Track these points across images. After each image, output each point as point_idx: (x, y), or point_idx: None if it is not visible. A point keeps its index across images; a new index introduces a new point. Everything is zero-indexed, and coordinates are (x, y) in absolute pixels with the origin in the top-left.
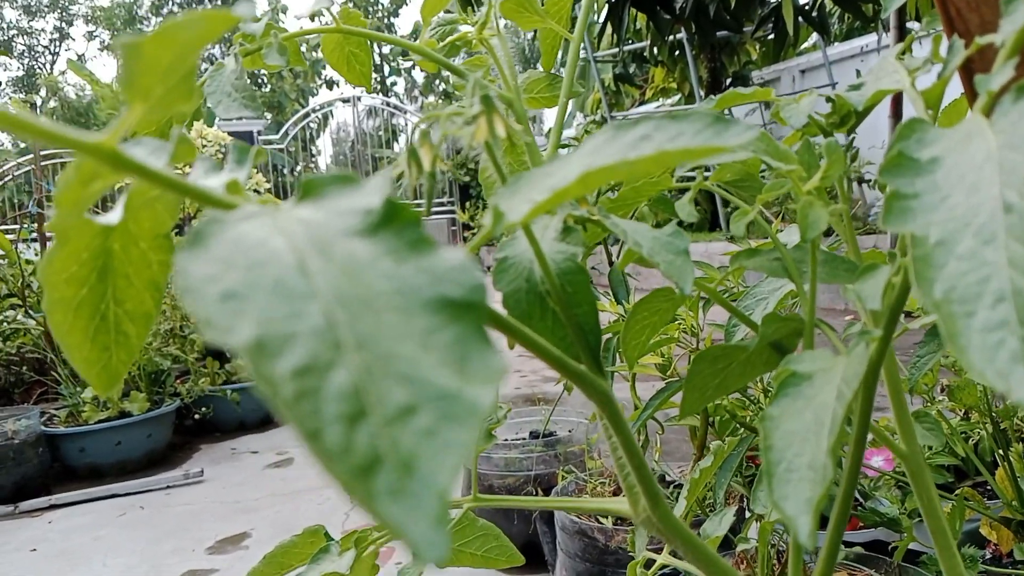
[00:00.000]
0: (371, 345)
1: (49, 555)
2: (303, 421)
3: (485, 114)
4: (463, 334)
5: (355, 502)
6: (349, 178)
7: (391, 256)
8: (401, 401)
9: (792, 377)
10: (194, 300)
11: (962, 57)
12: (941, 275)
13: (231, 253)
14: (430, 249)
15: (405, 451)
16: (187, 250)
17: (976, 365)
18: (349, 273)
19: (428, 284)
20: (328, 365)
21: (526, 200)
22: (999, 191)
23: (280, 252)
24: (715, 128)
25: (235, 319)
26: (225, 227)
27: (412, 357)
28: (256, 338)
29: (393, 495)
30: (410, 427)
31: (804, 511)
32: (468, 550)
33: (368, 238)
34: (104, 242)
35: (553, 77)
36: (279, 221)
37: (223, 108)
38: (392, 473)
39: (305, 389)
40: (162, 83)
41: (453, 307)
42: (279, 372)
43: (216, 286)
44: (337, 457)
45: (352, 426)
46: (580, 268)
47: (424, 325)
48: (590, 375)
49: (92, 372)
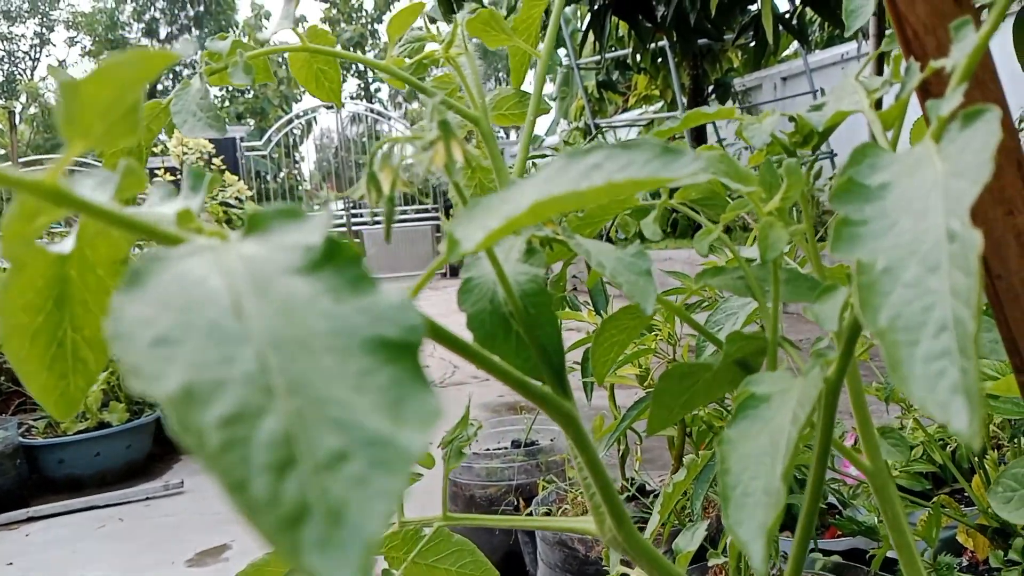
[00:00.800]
0: (304, 389)
1: (26, 568)
2: (228, 472)
3: (443, 139)
4: (399, 376)
5: (279, 552)
6: (294, 212)
7: (330, 295)
8: (333, 447)
9: (750, 399)
10: (123, 347)
11: (918, 80)
12: (887, 302)
13: (168, 293)
14: (370, 287)
15: (334, 500)
16: (123, 290)
17: (917, 395)
18: (286, 313)
19: (366, 324)
20: (258, 412)
21: (481, 227)
22: (943, 219)
23: (217, 292)
24: (663, 159)
25: (163, 366)
26: (166, 264)
27: (346, 401)
28: (183, 387)
29: (320, 546)
30: (341, 474)
31: (757, 536)
32: (442, 566)
33: (307, 276)
34: (60, 269)
35: (522, 94)
36: (221, 258)
37: (188, 127)
38: (320, 523)
39: (233, 438)
40: (102, 120)
41: (390, 348)
42: (206, 422)
43: (148, 331)
44: (263, 508)
45: (280, 475)
46: (543, 289)
47: (360, 367)
48: (553, 396)
49: (49, 400)
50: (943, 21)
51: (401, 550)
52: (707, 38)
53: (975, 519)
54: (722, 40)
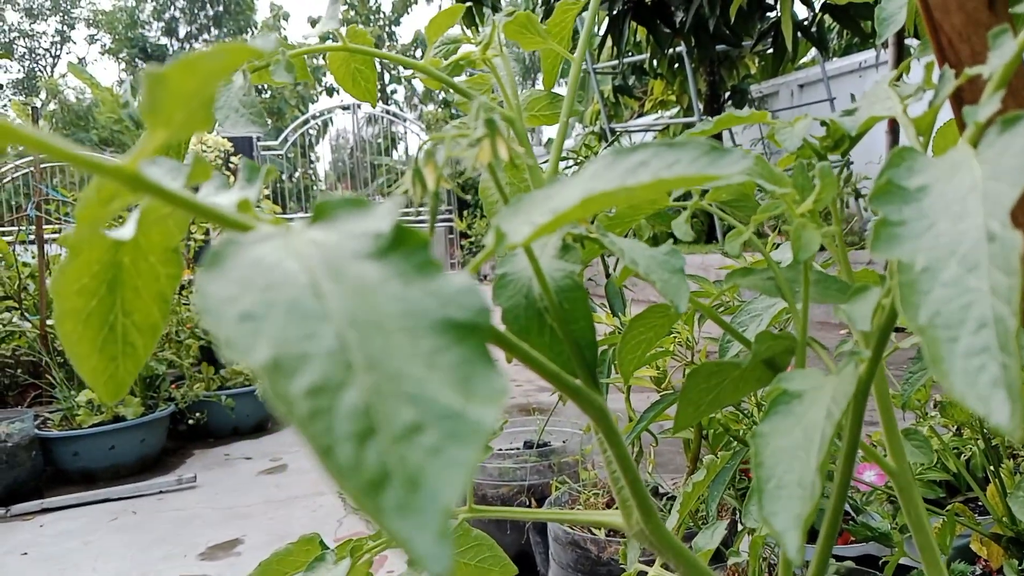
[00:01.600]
0: (380, 366)
1: (39, 559)
2: (316, 438)
3: (489, 137)
4: (467, 355)
5: (365, 516)
6: (360, 201)
7: (400, 279)
8: (408, 420)
9: (783, 395)
10: (213, 320)
11: (952, 87)
12: (926, 301)
13: (248, 274)
14: (437, 272)
15: (412, 468)
16: (206, 271)
17: (958, 389)
18: (360, 295)
19: (435, 306)
20: (340, 385)
21: (527, 222)
22: (983, 220)
23: (294, 274)
24: (711, 156)
25: (252, 339)
26: (242, 248)
27: (419, 377)
28: (272, 358)
29: (400, 510)
30: (417, 445)
31: (793, 527)
32: (462, 560)
33: (378, 261)
34: (115, 255)
35: (554, 96)
36: (293, 243)
37: (230, 123)
38: (399, 489)
39: (318, 408)
40: (183, 110)
41: (458, 329)
42: (294, 391)
43: (234, 307)
44: (348, 473)
45: (362, 443)
46: (578, 285)
47: (430, 346)
48: (586, 390)
49: (99, 381)
50: (978, 30)
51: None
52: (725, 44)
53: (989, 527)
54: (740, 46)
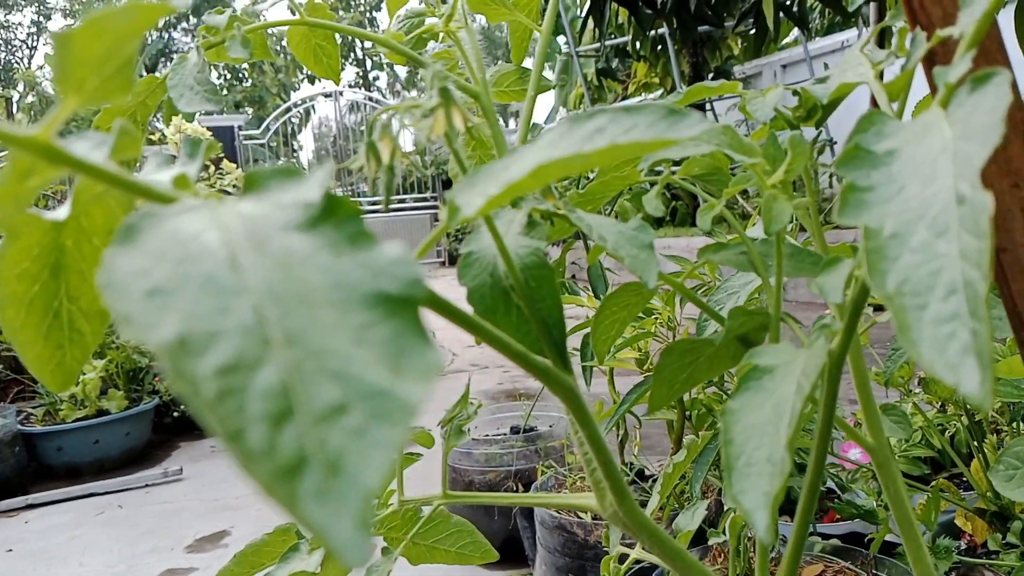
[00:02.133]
0: (302, 341)
1: (25, 555)
2: (225, 421)
3: (443, 106)
4: (399, 329)
5: (275, 502)
6: (292, 171)
7: (329, 250)
8: (331, 399)
9: (754, 371)
10: (116, 296)
11: (924, 49)
12: (894, 267)
13: (162, 248)
14: (369, 243)
15: (332, 451)
16: (117, 244)
17: (927, 357)
18: (284, 267)
19: (366, 278)
20: (255, 363)
21: (480, 194)
22: (953, 182)
23: (213, 246)
24: (668, 121)
25: (158, 316)
26: (160, 220)
27: (345, 353)
28: (179, 335)
29: (318, 497)
30: (339, 426)
31: (762, 505)
32: (442, 547)
33: (307, 232)
34: (56, 238)
35: (523, 71)
36: (218, 215)
37: (185, 101)
38: (318, 474)
39: (229, 387)
40: (96, 74)
41: (390, 302)
42: (201, 371)
43: (143, 282)
44: (260, 458)
45: (277, 425)
46: (543, 263)
47: (360, 320)
48: (554, 370)
49: (45, 370)
50: None
51: (401, 530)
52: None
53: (974, 503)
54: (722, 27)
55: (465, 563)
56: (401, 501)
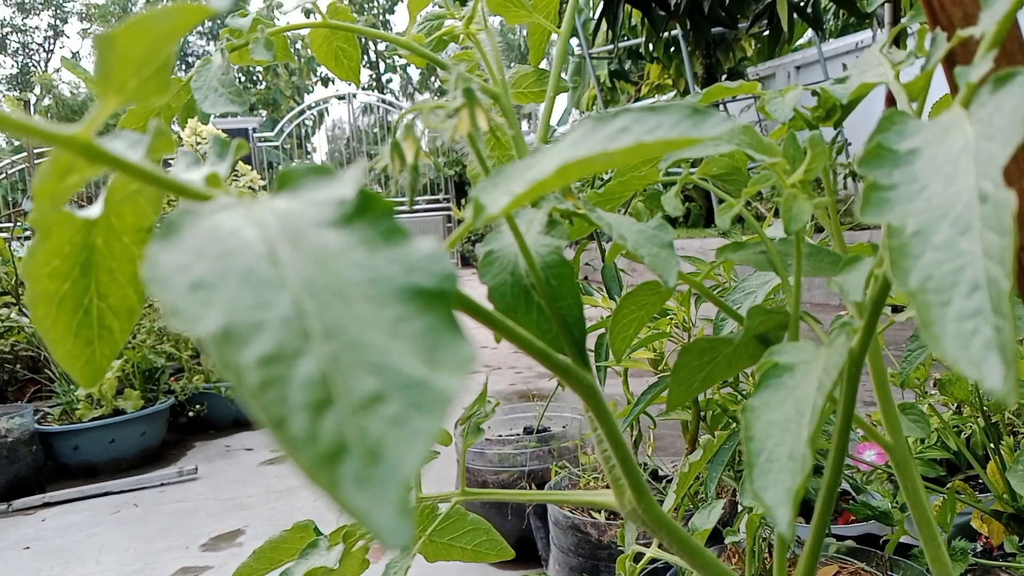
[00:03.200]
0: (340, 334)
1: (42, 553)
2: (268, 409)
3: (467, 107)
4: (433, 323)
5: (318, 487)
6: (325, 169)
7: (364, 246)
8: (369, 389)
9: (774, 368)
10: (162, 290)
11: (945, 50)
12: (917, 265)
13: (202, 244)
14: (403, 239)
15: (372, 439)
16: (159, 240)
17: (950, 353)
18: (320, 262)
19: (400, 273)
20: (295, 353)
21: (506, 192)
22: (975, 181)
23: (251, 242)
24: (692, 120)
25: (203, 309)
26: (199, 218)
27: (381, 346)
28: (223, 327)
29: (358, 483)
30: (377, 415)
31: (784, 501)
32: (458, 544)
33: (341, 228)
34: (87, 237)
35: (541, 72)
36: (253, 212)
37: (209, 103)
38: (358, 461)
39: (271, 377)
40: (136, 75)
41: (424, 296)
42: (245, 361)
43: (185, 276)
44: (302, 445)
45: (318, 414)
46: (564, 261)
47: (395, 314)
48: (575, 368)
49: (75, 366)
50: None
51: (418, 527)
52: (721, 26)
53: (990, 505)
54: (736, 28)
55: (481, 560)
56: (419, 498)
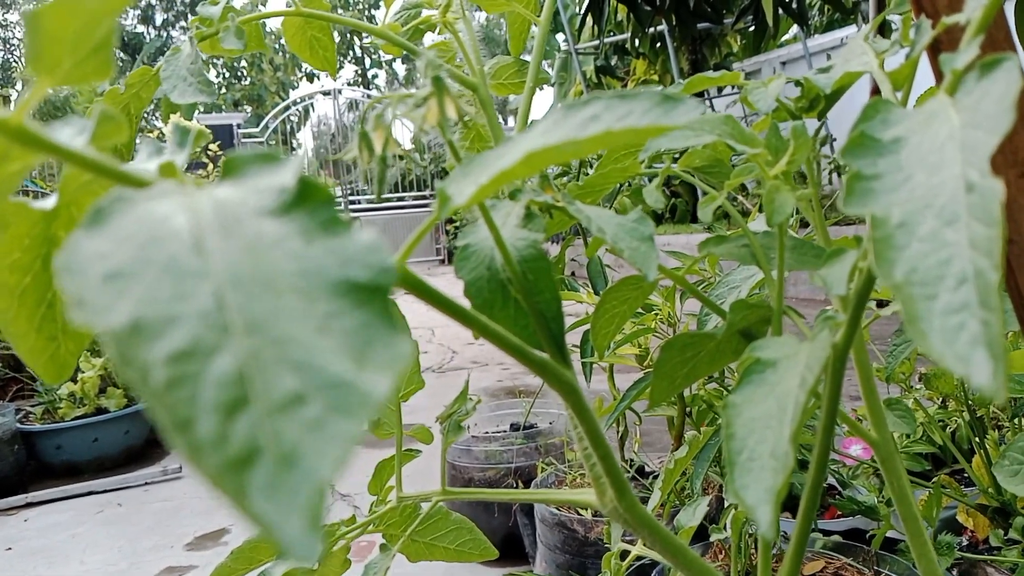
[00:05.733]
0: (263, 329)
1: (25, 553)
2: (174, 410)
3: (436, 95)
4: (367, 319)
5: (221, 498)
6: (271, 156)
7: (300, 236)
8: (289, 389)
9: (756, 364)
10: (71, 279)
11: (930, 37)
12: (902, 257)
13: (129, 231)
14: (342, 230)
15: (287, 443)
16: (83, 227)
17: (936, 349)
18: (251, 252)
19: (335, 266)
20: (211, 349)
21: (473, 183)
22: (961, 170)
23: (179, 229)
24: (664, 107)
25: (114, 300)
26: (130, 204)
27: (307, 343)
28: (133, 320)
29: (268, 490)
30: (295, 417)
31: (765, 500)
32: (441, 544)
33: (279, 217)
34: (47, 229)
35: (521, 63)
36: (191, 200)
37: (178, 93)
38: (270, 467)
39: (181, 375)
40: (71, 55)
41: (359, 291)
42: (152, 357)
43: (102, 264)
44: (209, 449)
45: (230, 415)
46: (542, 255)
47: (326, 309)
48: (553, 364)
49: (39, 362)
50: None
51: (400, 527)
52: (706, 22)
53: (975, 499)
54: (721, 24)
55: (464, 560)
56: (399, 498)
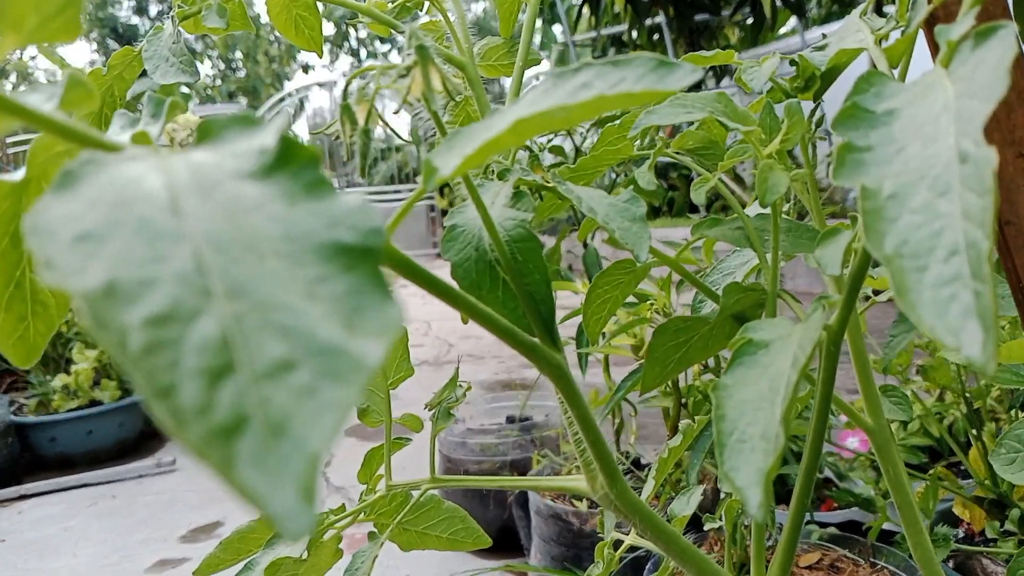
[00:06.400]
0: (247, 293)
1: (18, 545)
2: (153, 376)
3: (420, 65)
4: (356, 284)
5: (207, 467)
6: (249, 119)
7: (283, 199)
8: (276, 355)
9: (748, 345)
10: (39, 241)
11: (926, 12)
12: (893, 229)
13: (99, 193)
14: (327, 192)
15: (276, 411)
16: (52, 190)
17: (927, 321)
18: (231, 215)
19: (321, 228)
20: (192, 314)
21: (459, 154)
22: (955, 140)
23: (153, 191)
24: (658, 73)
25: (85, 261)
26: (101, 167)
27: (294, 307)
28: (107, 282)
29: (256, 460)
30: (284, 384)
31: (755, 483)
32: (433, 533)
33: (259, 180)
34: (16, 205)
35: (511, 43)
36: (165, 163)
37: (160, 73)
38: (258, 435)
39: (161, 340)
40: (36, 11)
41: (348, 253)
42: (129, 320)
43: (72, 226)
44: (193, 416)
45: (215, 382)
46: (531, 235)
47: (313, 274)
48: (542, 347)
49: (7, 343)
50: None
51: (390, 516)
52: (704, 13)
53: (972, 491)
54: (719, 15)
55: (457, 549)
56: (389, 486)
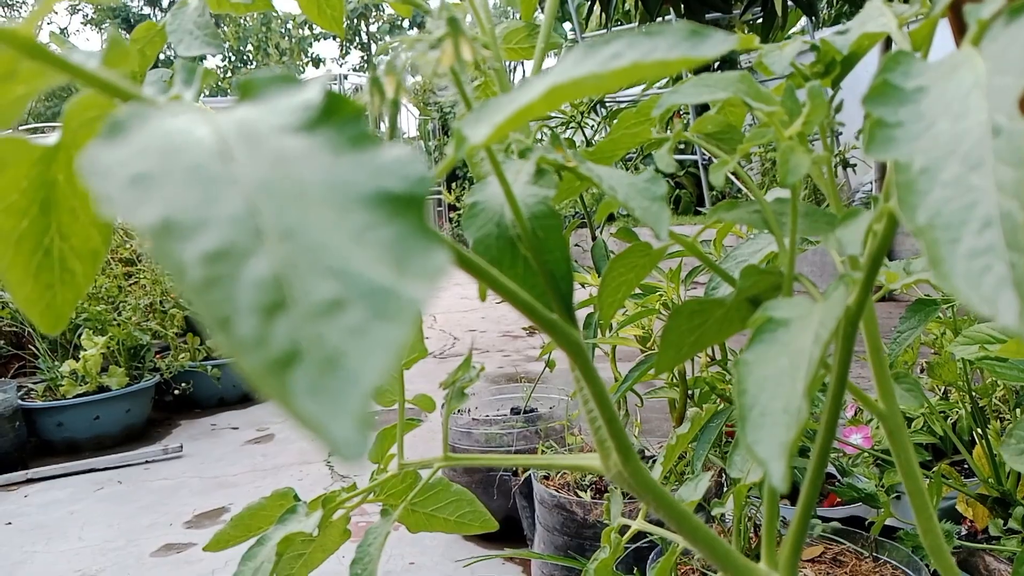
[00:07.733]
0: (297, 237)
1: (24, 528)
2: (213, 308)
3: (451, 36)
4: (404, 230)
5: (265, 395)
6: (289, 78)
7: (328, 151)
8: (328, 295)
9: (768, 323)
10: (98, 180)
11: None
12: (924, 202)
13: (150, 142)
14: (372, 144)
15: (330, 348)
16: (101, 138)
17: (962, 291)
18: (278, 165)
19: (367, 178)
20: (245, 252)
21: (488, 123)
22: (987, 115)
23: (202, 139)
24: (692, 41)
25: (142, 201)
26: (148, 119)
27: (344, 251)
28: (163, 218)
29: (312, 391)
30: (337, 323)
31: (778, 454)
32: (441, 515)
33: (304, 133)
34: (46, 171)
35: (532, 27)
36: (210, 117)
37: (184, 46)
38: (313, 369)
39: (217, 275)
40: None
41: (394, 202)
42: (188, 255)
43: (126, 169)
44: (250, 348)
45: (269, 317)
46: (553, 212)
47: (361, 221)
48: (561, 324)
49: (35, 311)
50: None
51: (400, 497)
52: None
53: (975, 489)
54: (730, 14)
55: (464, 532)
56: (401, 465)
